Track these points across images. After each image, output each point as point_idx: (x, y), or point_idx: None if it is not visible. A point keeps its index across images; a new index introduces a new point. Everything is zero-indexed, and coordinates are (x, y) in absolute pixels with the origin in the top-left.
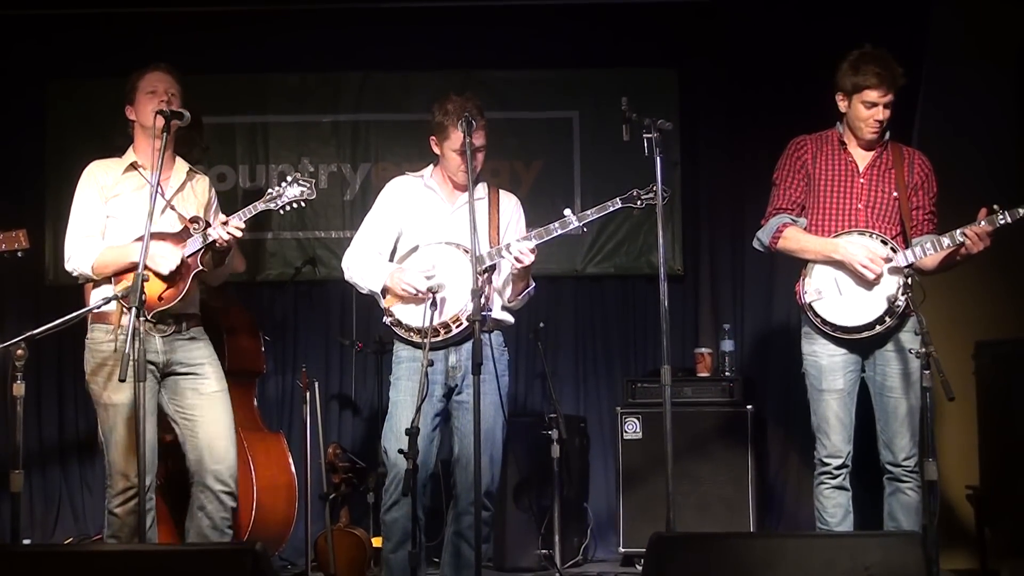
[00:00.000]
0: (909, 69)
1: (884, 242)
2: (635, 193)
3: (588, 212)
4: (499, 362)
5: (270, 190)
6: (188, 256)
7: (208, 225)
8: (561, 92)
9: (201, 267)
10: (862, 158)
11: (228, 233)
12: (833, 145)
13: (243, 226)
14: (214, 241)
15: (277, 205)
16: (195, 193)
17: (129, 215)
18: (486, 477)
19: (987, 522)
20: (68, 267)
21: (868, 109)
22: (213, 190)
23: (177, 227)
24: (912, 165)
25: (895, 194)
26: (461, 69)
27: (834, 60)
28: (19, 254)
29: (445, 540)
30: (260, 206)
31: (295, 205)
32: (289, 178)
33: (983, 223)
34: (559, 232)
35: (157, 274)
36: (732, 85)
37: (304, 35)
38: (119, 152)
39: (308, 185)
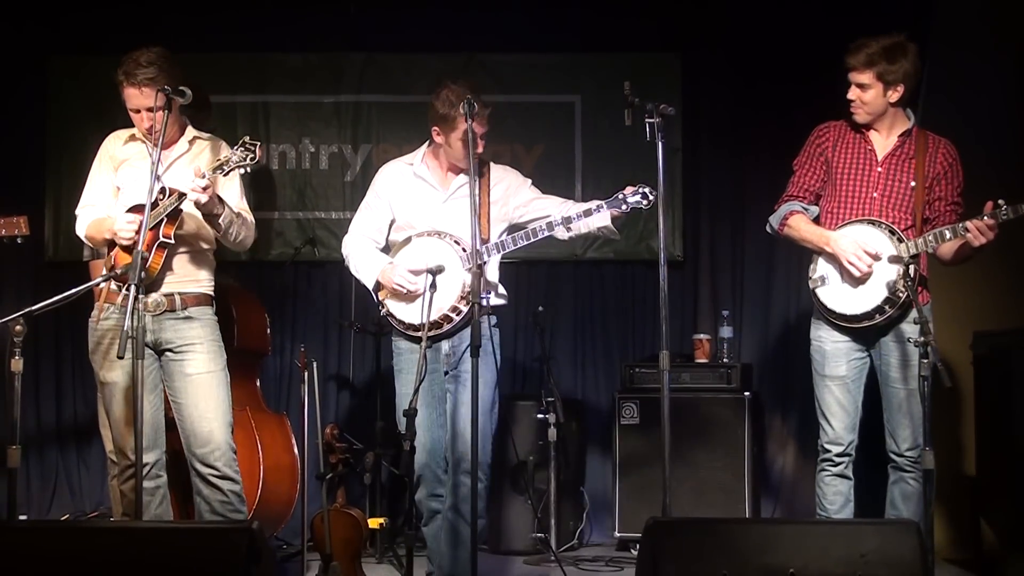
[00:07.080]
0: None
1: (892, 232)
2: (620, 196)
3: (573, 223)
4: (493, 341)
5: (219, 157)
6: (150, 228)
7: (182, 196)
8: (563, 76)
9: (163, 239)
10: (882, 146)
11: (194, 192)
12: (854, 132)
13: (203, 185)
14: (179, 209)
15: (224, 171)
16: (193, 161)
17: (129, 186)
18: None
19: (983, 512)
20: (77, 233)
21: (848, 90)
22: (224, 147)
23: None
24: (936, 155)
25: (912, 184)
26: (463, 52)
27: (838, 47)
28: (19, 240)
29: (440, 516)
30: (209, 173)
31: (242, 171)
32: (236, 145)
33: (986, 217)
34: (539, 237)
35: (121, 246)
36: (735, 70)
37: (307, 15)
38: (123, 127)
39: (253, 149)
